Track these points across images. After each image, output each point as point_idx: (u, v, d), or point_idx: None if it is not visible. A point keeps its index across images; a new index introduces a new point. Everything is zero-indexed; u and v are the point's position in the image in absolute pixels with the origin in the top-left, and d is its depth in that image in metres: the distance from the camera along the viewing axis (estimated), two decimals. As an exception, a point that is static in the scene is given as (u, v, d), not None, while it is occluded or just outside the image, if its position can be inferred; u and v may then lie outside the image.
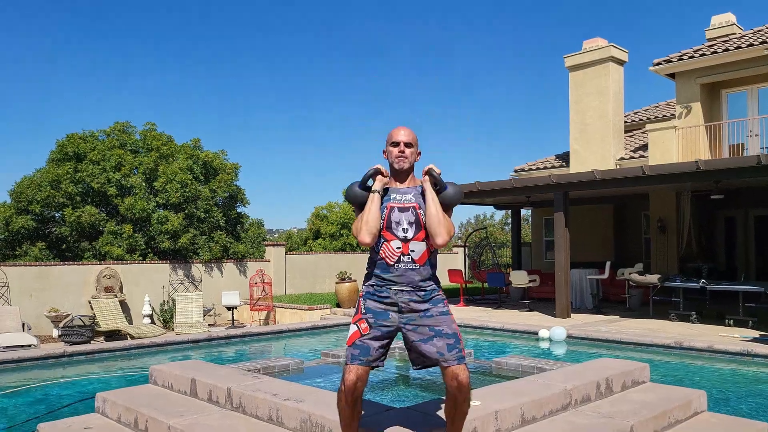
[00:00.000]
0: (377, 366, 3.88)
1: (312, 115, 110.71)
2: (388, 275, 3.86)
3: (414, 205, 3.91)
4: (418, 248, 3.86)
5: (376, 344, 3.83)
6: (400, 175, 4.02)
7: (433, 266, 3.96)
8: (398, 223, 3.87)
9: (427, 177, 3.97)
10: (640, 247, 20.20)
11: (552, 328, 11.86)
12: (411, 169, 4.03)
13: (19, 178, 19.56)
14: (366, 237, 3.84)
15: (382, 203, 3.92)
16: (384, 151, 4.08)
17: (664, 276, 14.47)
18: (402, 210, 3.89)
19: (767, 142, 16.99)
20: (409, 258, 3.85)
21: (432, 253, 3.93)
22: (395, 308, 3.85)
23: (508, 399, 4.83)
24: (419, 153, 4.09)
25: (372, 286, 3.93)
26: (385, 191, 3.97)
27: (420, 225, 3.87)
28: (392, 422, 4.18)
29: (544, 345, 11.71)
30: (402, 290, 3.84)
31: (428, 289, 3.89)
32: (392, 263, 3.85)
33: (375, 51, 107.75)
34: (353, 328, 3.89)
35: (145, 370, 8.50)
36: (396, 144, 3.99)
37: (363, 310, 3.90)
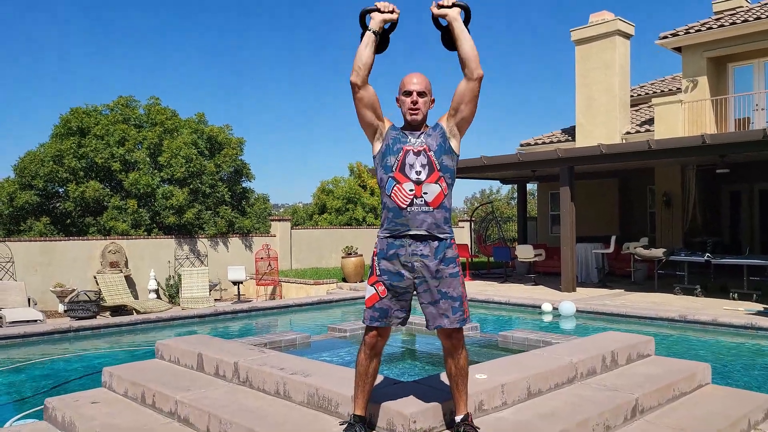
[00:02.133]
0: (402, 324, 3.93)
1: (317, 89, 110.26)
2: (401, 219, 3.80)
3: (425, 147, 3.84)
4: (432, 190, 3.80)
5: (396, 305, 3.85)
6: (414, 126, 3.93)
7: (447, 210, 3.89)
8: (411, 166, 3.80)
9: (454, 9, 3.86)
10: (646, 222, 20.17)
11: (561, 303, 11.85)
12: (425, 119, 3.94)
13: (23, 153, 19.53)
14: (352, 74, 3.80)
15: (397, 143, 3.85)
16: (397, 99, 3.97)
17: (669, 250, 14.46)
18: (416, 153, 3.82)
19: (774, 115, 16.89)
20: (422, 200, 3.79)
21: (446, 196, 3.86)
22: (408, 267, 3.82)
23: (514, 372, 4.84)
24: (433, 100, 3.98)
25: (385, 239, 3.87)
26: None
27: (433, 167, 3.81)
28: (400, 396, 4.19)
29: (548, 318, 11.75)
30: (415, 241, 3.79)
31: (442, 237, 3.84)
32: (405, 206, 3.79)
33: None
34: (371, 290, 3.88)
35: (151, 345, 8.55)
36: (409, 93, 3.87)
37: (378, 272, 3.87)
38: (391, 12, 3.92)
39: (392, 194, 3.82)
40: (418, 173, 3.80)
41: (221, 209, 19.85)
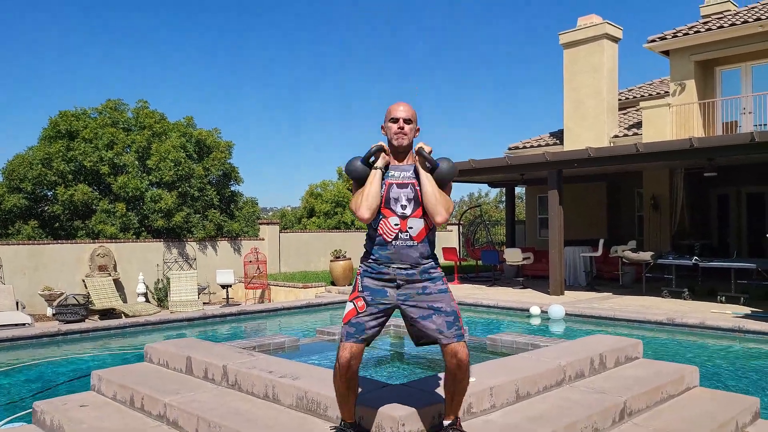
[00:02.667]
0: (370, 341, 3.89)
1: (306, 94, 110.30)
2: (386, 252, 3.84)
3: (413, 182, 3.88)
4: (416, 225, 3.85)
5: (372, 322, 3.83)
6: (399, 151, 3.98)
7: (432, 243, 3.95)
8: (397, 200, 3.85)
9: (417, 157, 3.93)
10: (634, 225, 20.26)
11: (550, 306, 11.86)
12: (410, 145, 3.99)
13: (11, 156, 19.49)
14: (365, 212, 3.81)
15: (382, 180, 3.90)
16: (383, 127, 4.04)
17: (657, 253, 14.53)
18: (401, 186, 3.87)
19: (760, 119, 16.99)
20: (407, 235, 3.83)
21: (430, 230, 3.92)
22: (393, 284, 3.84)
23: (503, 375, 4.85)
24: (418, 129, 4.04)
25: (370, 263, 3.92)
26: (386, 168, 3.94)
27: (418, 201, 3.85)
28: (389, 399, 4.19)
29: (536, 322, 11.78)
30: (400, 267, 3.83)
31: (426, 265, 3.88)
32: (390, 240, 3.84)
33: (370, 31, 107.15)
34: (349, 306, 3.89)
35: (139, 349, 8.52)
36: (395, 120, 3.94)
37: (360, 288, 3.89)
38: (389, 153, 4.02)
39: (378, 228, 3.87)
40: (404, 207, 3.85)
41: (210, 213, 19.83)
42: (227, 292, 17.61)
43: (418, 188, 3.87)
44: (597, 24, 20.12)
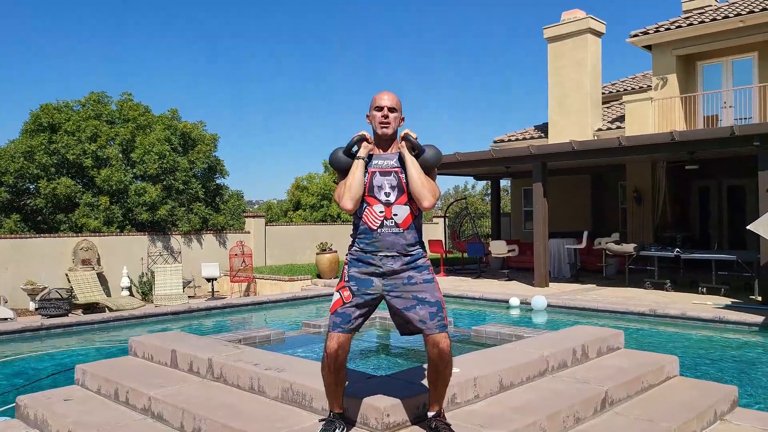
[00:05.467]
0: (356, 330, 3.91)
1: (291, 86, 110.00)
2: (372, 239, 3.87)
3: (396, 169, 3.90)
4: (401, 212, 3.87)
5: (357, 312, 3.85)
6: (383, 140, 4.00)
7: (418, 231, 3.97)
8: (380, 188, 3.87)
9: (403, 143, 3.96)
10: (617, 217, 20.40)
11: (533, 297, 11.99)
12: (394, 134, 4.02)
13: (-7, 150, 19.29)
14: (348, 203, 3.84)
15: (365, 169, 3.92)
16: (367, 116, 4.05)
17: (640, 245, 14.65)
18: (384, 174, 3.89)
19: (741, 113, 17.15)
20: (392, 222, 3.85)
21: (416, 217, 3.94)
22: (379, 274, 3.86)
23: (487, 366, 4.90)
24: (402, 118, 4.06)
25: (356, 252, 3.94)
26: (369, 157, 3.96)
27: (402, 189, 3.87)
28: (374, 390, 4.23)
29: (515, 312, 11.91)
30: (386, 255, 3.85)
31: (413, 253, 3.90)
32: (375, 228, 3.85)
33: (354, 22, 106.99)
34: (336, 296, 3.91)
35: (123, 343, 8.50)
36: (380, 109, 3.96)
37: (346, 278, 3.92)
38: (371, 142, 4.04)
39: (363, 216, 3.90)
40: (387, 195, 3.87)
41: (195, 206, 19.76)
42: (212, 285, 17.58)
43: (401, 175, 3.88)
44: (581, 19, 20.21)
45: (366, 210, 3.89)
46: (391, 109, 3.96)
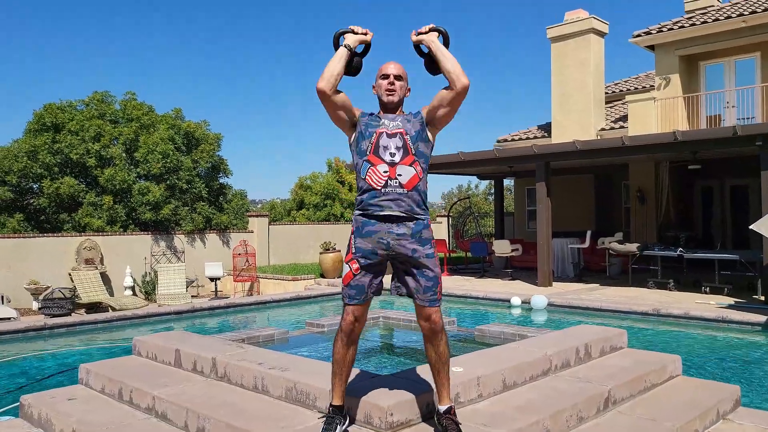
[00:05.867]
0: (376, 294, 3.97)
1: (295, 84, 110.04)
2: (376, 200, 3.84)
3: (401, 131, 3.89)
4: (406, 172, 3.84)
5: (368, 281, 3.89)
6: (389, 108, 3.99)
7: (423, 193, 3.94)
8: (386, 148, 3.85)
9: (431, 33, 3.97)
10: (620, 217, 20.39)
11: (533, 297, 12.02)
12: (400, 103, 4.01)
13: (-4, 149, 19.34)
14: (320, 81, 3.84)
15: (369, 128, 3.92)
16: (373, 86, 4.06)
17: (643, 245, 14.64)
18: (390, 136, 3.88)
19: (743, 113, 17.14)
20: (396, 182, 3.83)
21: (420, 179, 3.91)
22: (384, 244, 3.85)
23: (490, 365, 4.91)
24: (409, 89, 4.07)
25: (360, 218, 3.92)
26: (372, 118, 3.96)
27: (408, 150, 3.86)
28: (378, 389, 4.23)
29: (516, 312, 11.94)
30: (391, 219, 3.83)
31: (418, 217, 3.88)
32: (379, 187, 3.83)
33: (356, 20, 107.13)
34: (346, 269, 3.94)
35: (127, 342, 8.52)
36: (386, 76, 3.97)
37: (353, 250, 3.92)
38: (365, 34, 4.03)
39: (367, 176, 3.87)
40: (392, 155, 3.85)
41: (198, 205, 19.78)
42: (216, 285, 17.60)
43: (406, 137, 3.88)
44: (584, 19, 20.20)
45: (369, 170, 3.86)
46: (397, 77, 3.98)
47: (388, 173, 3.83)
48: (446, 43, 3.99)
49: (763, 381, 7.06)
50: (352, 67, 4.00)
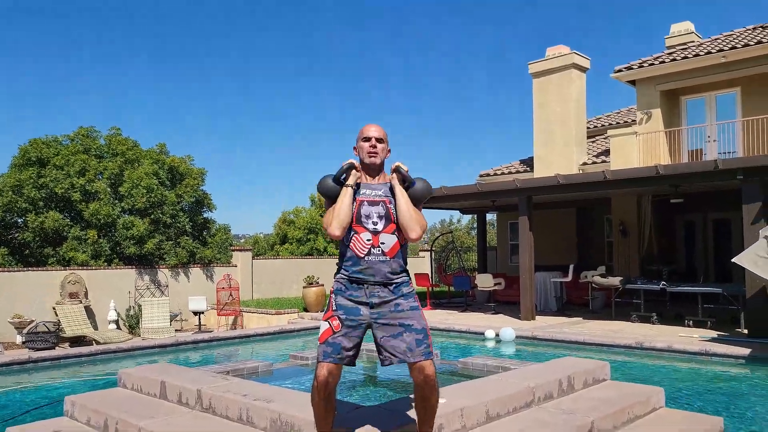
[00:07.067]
0: (350, 363, 3.94)
1: (278, 120, 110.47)
2: (359, 267, 3.93)
3: (384, 199, 4.00)
4: (389, 240, 3.95)
5: (348, 342, 3.89)
6: (371, 170, 4.10)
7: (404, 260, 4.05)
8: (368, 216, 3.95)
9: (395, 174, 4.07)
10: (603, 250, 20.54)
11: (501, 329, 12.41)
12: (382, 165, 4.13)
13: (-19, 184, 19.26)
14: (336, 230, 3.91)
15: (353, 198, 4.00)
16: (355, 148, 4.17)
17: (626, 278, 14.75)
18: (372, 204, 3.98)
19: (724, 147, 17.42)
20: (379, 250, 3.93)
21: (402, 246, 4.02)
22: (366, 303, 3.92)
23: (473, 397, 4.95)
24: (389, 150, 4.18)
25: (343, 281, 4.00)
26: (357, 186, 4.05)
27: (390, 218, 3.96)
28: (361, 421, 4.27)
29: (490, 344, 12.11)
30: (374, 284, 3.91)
31: (399, 281, 3.97)
32: (362, 255, 3.92)
33: (340, 55, 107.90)
34: (324, 326, 3.95)
35: (111, 376, 8.49)
36: (368, 139, 4.07)
37: (334, 307, 3.97)
38: (359, 170, 4.15)
39: (351, 244, 3.97)
40: (375, 224, 3.95)
41: (182, 239, 19.76)
42: (200, 318, 17.53)
43: (389, 206, 3.98)
44: (565, 54, 20.52)
45: (353, 238, 3.96)
46: (379, 140, 4.09)
47: (371, 242, 3.94)
48: (409, 184, 4.08)
49: (746, 413, 7.11)
50: (341, 182, 4.09)
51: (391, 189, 4.04)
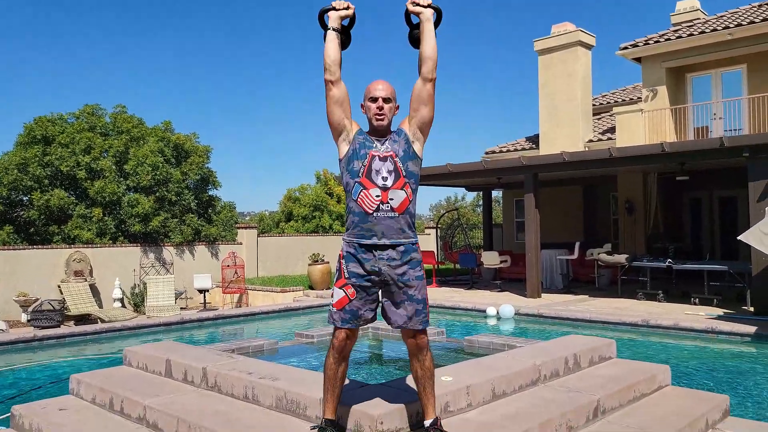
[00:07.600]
0: (369, 322, 4.01)
1: (284, 96, 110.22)
2: (367, 224, 3.87)
3: (391, 153, 3.92)
4: (397, 197, 3.88)
5: (365, 306, 3.92)
6: (380, 132, 4.01)
7: (412, 216, 3.99)
8: (378, 172, 3.88)
9: (428, 10, 4.02)
10: (609, 228, 20.48)
11: (501, 306, 12.45)
12: (390, 124, 4.03)
13: (-14, 162, 19.27)
14: (326, 74, 3.94)
15: (364, 148, 3.93)
16: (362, 105, 4.05)
17: (632, 256, 14.71)
18: (382, 159, 3.90)
19: (730, 124, 17.30)
20: (388, 206, 3.86)
21: (411, 201, 3.95)
22: (375, 272, 3.88)
23: (479, 375, 4.93)
24: (398, 107, 4.07)
25: (352, 243, 3.93)
26: (364, 136, 3.99)
27: (399, 174, 3.89)
28: (367, 398, 4.25)
29: (492, 322, 12.10)
30: (382, 248, 3.86)
31: (407, 243, 3.92)
32: (371, 211, 3.86)
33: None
34: (339, 293, 3.93)
35: (116, 354, 8.51)
36: (374, 99, 3.97)
37: (346, 275, 3.93)
38: (347, 8, 4.06)
39: (359, 199, 3.89)
40: (385, 179, 3.87)
41: (187, 217, 19.76)
42: (204, 296, 17.56)
43: (396, 160, 3.91)
44: (571, 31, 20.37)
45: (362, 193, 3.88)
46: (386, 100, 3.97)
47: (380, 198, 3.86)
48: (437, 23, 4.04)
49: (752, 391, 7.11)
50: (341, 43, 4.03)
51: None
